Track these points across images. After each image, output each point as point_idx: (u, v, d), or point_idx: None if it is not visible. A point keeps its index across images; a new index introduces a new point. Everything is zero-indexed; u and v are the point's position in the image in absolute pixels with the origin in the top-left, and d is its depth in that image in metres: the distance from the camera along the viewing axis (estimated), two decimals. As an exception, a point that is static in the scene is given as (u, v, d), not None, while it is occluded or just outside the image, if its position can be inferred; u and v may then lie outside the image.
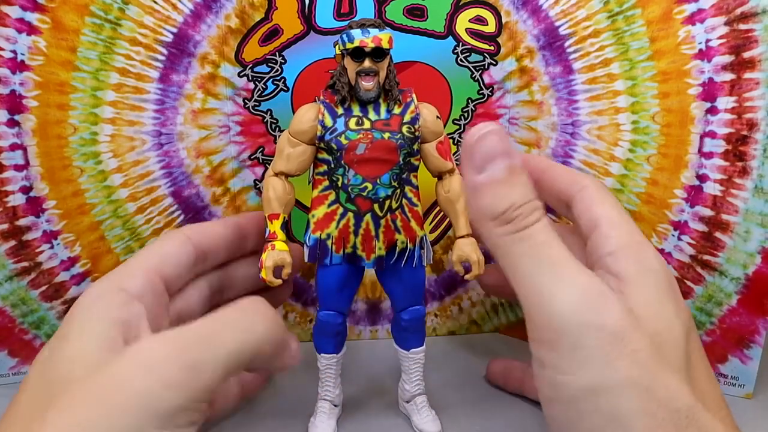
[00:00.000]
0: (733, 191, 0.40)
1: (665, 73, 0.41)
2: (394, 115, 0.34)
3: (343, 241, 0.35)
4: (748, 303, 0.41)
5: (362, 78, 0.33)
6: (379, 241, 0.35)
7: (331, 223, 0.35)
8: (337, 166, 0.34)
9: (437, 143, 0.36)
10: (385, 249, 0.35)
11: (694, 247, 0.42)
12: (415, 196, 0.36)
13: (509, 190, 0.27)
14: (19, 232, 0.42)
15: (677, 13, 0.40)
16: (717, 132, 0.40)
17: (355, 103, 0.34)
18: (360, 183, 0.34)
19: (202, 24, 0.42)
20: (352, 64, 0.33)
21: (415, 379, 0.38)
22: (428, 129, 0.35)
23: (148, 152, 0.44)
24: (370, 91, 0.33)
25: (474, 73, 0.45)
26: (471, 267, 0.36)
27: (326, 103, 0.34)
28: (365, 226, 0.35)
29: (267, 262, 0.34)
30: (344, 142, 0.34)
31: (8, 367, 0.44)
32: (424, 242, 0.36)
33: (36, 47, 0.40)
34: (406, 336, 0.38)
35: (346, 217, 0.35)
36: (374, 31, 0.33)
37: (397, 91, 0.34)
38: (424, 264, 0.36)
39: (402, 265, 0.36)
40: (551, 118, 0.45)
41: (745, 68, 0.39)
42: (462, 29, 0.44)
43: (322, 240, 0.35)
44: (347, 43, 0.33)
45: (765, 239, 0.40)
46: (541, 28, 0.44)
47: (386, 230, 0.35)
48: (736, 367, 0.42)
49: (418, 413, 0.38)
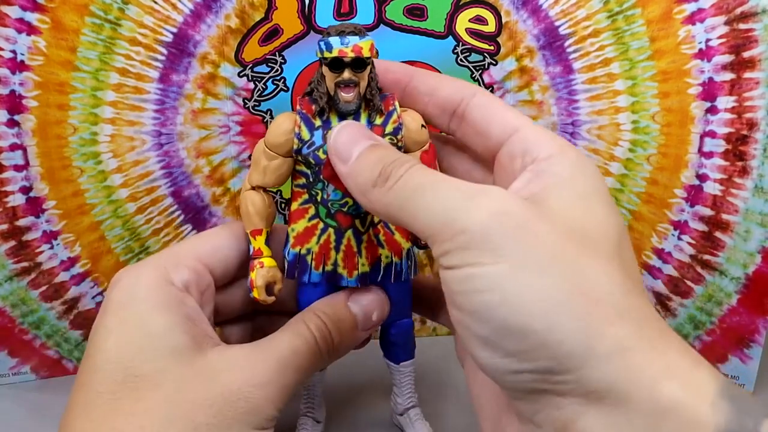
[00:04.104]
0: (733, 191, 0.40)
1: (665, 72, 0.41)
2: (375, 126, 0.32)
3: (323, 257, 0.33)
4: (748, 302, 0.41)
5: (341, 89, 0.30)
6: (362, 257, 0.33)
7: (312, 238, 0.33)
8: (315, 181, 0.32)
9: (422, 153, 0.33)
10: (368, 265, 0.33)
11: (694, 247, 0.42)
12: None
13: (376, 158, 0.27)
14: (19, 233, 0.42)
15: (677, 13, 0.40)
16: (717, 131, 0.40)
17: (334, 115, 0.32)
18: (340, 198, 0.32)
19: (202, 24, 0.42)
20: (330, 74, 0.30)
21: (406, 392, 0.37)
22: (411, 139, 0.33)
23: (148, 152, 0.44)
24: (350, 103, 0.31)
25: (474, 72, 0.45)
26: None
27: (303, 113, 0.32)
28: (346, 242, 0.33)
29: (258, 282, 0.32)
30: (322, 157, 0.31)
31: (8, 367, 0.44)
32: (411, 254, 0.34)
33: (36, 47, 0.40)
34: (394, 350, 0.36)
35: (327, 233, 0.33)
36: (353, 38, 0.30)
37: (378, 100, 0.32)
38: (411, 277, 0.34)
39: (391, 282, 0.33)
40: (551, 118, 0.45)
41: (745, 68, 0.39)
42: (462, 29, 0.44)
43: (301, 255, 0.33)
44: (325, 52, 0.30)
45: (765, 239, 0.40)
46: (541, 27, 0.44)
47: (369, 245, 0.33)
48: (736, 366, 0.43)
49: (412, 426, 0.37)
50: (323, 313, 0.31)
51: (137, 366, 0.27)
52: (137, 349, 0.27)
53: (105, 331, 0.28)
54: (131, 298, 0.29)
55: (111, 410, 0.26)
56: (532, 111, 0.45)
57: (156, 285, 0.29)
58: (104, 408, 0.26)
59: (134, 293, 0.29)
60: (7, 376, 0.44)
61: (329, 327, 0.31)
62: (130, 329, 0.28)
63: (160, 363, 0.27)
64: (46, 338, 0.44)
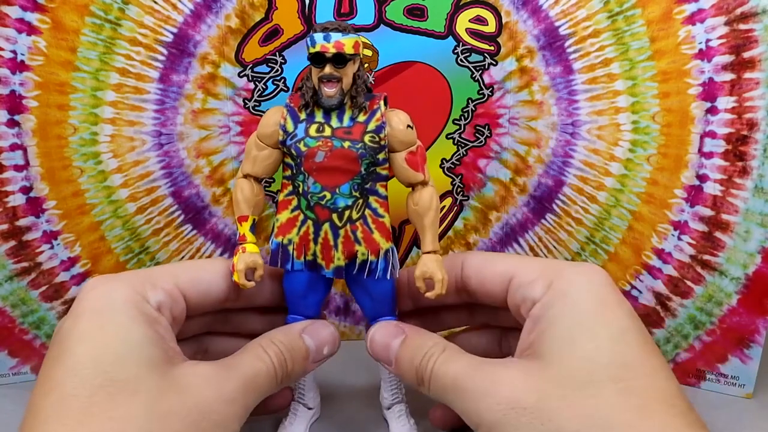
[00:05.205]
0: (733, 191, 0.40)
1: (665, 73, 0.41)
2: (357, 123, 0.33)
3: (303, 248, 0.34)
4: (748, 303, 0.41)
5: (324, 84, 0.32)
6: (338, 251, 0.34)
7: (293, 228, 0.34)
8: (297, 173, 0.34)
9: (408, 153, 0.34)
10: (344, 259, 0.34)
11: (694, 247, 0.42)
12: (381, 207, 0.34)
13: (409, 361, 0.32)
14: (19, 233, 0.42)
15: (677, 13, 0.40)
16: (717, 132, 0.40)
17: (319, 109, 0.33)
18: (319, 191, 0.33)
19: (202, 24, 0.42)
20: (314, 69, 0.32)
21: (391, 387, 0.38)
22: (396, 138, 0.33)
23: (148, 152, 0.44)
24: (332, 98, 0.32)
25: (474, 73, 0.45)
26: (433, 285, 0.33)
27: (291, 107, 0.34)
28: (324, 235, 0.34)
29: (239, 265, 0.33)
30: (303, 149, 0.33)
31: (8, 367, 0.44)
32: (389, 255, 0.34)
33: (36, 47, 0.40)
34: None
35: (306, 224, 0.34)
36: (336, 35, 0.31)
37: (362, 99, 0.33)
38: (388, 278, 0.34)
39: (365, 277, 0.34)
40: (551, 118, 0.45)
41: (745, 68, 0.39)
42: (462, 29, 0.44)
43: (283, 245, 0.34)
44: (309, 48, 0.32)
45: (765, 239, 0.40)
46: (541, 28, 0.44)
47: (345, 241, 0.34)
48: (736, 366, 0.43)
49: (396, 421, 0.38)
50: (280, 342, 0.33)
51: (116, 371, 0.27)
52: (116, 356, 0.28)
53: (79, 335, 0.29)
54: (108, 306, 0.30)
55: (87, 414, 0.26)
56: (532, 111, 0.45)
57: (132, 299, 0.30)
58: (79, 411, 0.26)
59: (111, 303, 0.30)
60: (7, 376, 0.44)
61: (285, 355, 0.33)
62: (108, 336, 0.29)
63: (138, 371, 0.28)
64: (46, 338, 0.44)
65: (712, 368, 0.43)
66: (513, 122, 0.46)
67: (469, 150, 0.47)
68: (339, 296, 0.49)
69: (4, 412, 0.41)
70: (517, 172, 0.46)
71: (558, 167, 0.46)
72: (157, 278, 0.32)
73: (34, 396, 0.28)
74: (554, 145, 0.45)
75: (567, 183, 0.46)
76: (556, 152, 0.45)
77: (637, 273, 0.45)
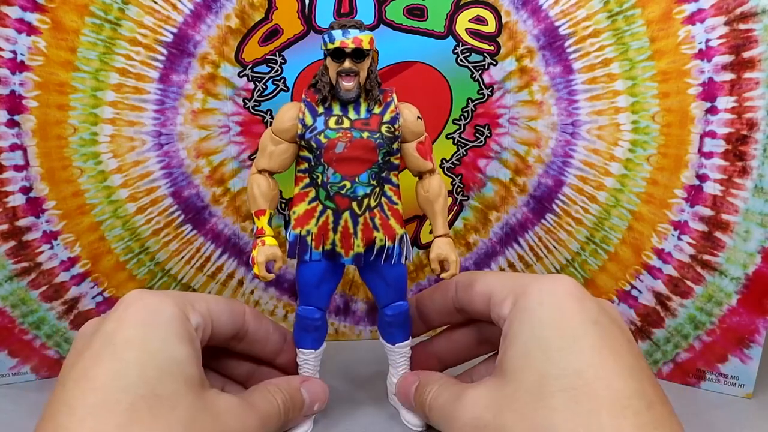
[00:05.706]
0: (733, 191, 0.40)
1: (665, 73, 0.41)
2: (373, 115, 0.35)
3: (322, 237, 0.36)
4: (748, 303, 0.41)
5: (342, 78, 0.34)
6: (358, 238, 0.35)
7: (311, 219, 0.35)
8: (316, 164, 0.35)
9: (417, 143, 0.36)
10: (363, 246, 0.36)
11: (694, 247, 0.42)
12: (395, 195, 0.36)
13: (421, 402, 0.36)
14: (19, 233, 0.42)
15: (677, 13, 0.40)
16: (717, 132, 0.40)
17: (336, 103, 0.35)
18: (339, 181, 0.34)
19: (202, 24, 0.42)
20: (332, 64, 0.34)
21: (402, 371, 0.39)
22: (408, 129, 0.36)
23: (148, 152, 0.44)
24: (350, 91, 0.34)
25: (474, 73, 0.45)
26: (448, 266, 0.36)
27: (308, 102, 0.35)
28: (344, 223, 0.35)
29: (259, 258, 0.34)
30: (323, 141, 0.34)
31: (8, 367, 0.44)
32: (404, 240, 0.36)
33: (36, 47, 0.40)
34: (391, 331, 0.38)
35: (326, 215, 0.35)
36: (354, 32, 0.34)
37: (377, 91, 0.35)
38: (403, 262, 0.37)
39: (381, 263, 0.36)
40: (551, 118, 0.45)
41: (745, 68, 0.39)
42: (462, 29, 0.44)
43: (302, 236, 0.35)
44: (328, 44, 0.34)
45: (765, 239, 0.40)
46: (541, 28, 0.44)
47: (365, 228, 0.35)
48: (736, 366, 0.43)
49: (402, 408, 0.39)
50: (284, 390, 0.36)
51: (159, 385, 0.28)
52: (160, 370, 0.29)
53: (125, 341, 0.29)
54: (156, 320, 0.31)
55: (128, 421, 0.27)
56: (532, 111, 0.45)
57: (179, 317, 0.31)
58: (119, 418, 0.27)
59: (158, 316, 0.31)
60: (7, 376, 0.44)
61: (288, 403, 0.35)
62: (154, 348, 0.29)
63: (179, 388, 0.29)
64: (46, 338, 0.44)
65: (712, 368, 0.43)
66: (513, 122, 0.46)
67: (469, 150, 0.47)
68: (339, 296, 0.49)
69: (4, 412, 0.41)
70: (517, 172, 0.46)
71: (558, 167, 0.46)
72: (194, 301, 0.34)
73: (66, 389, 0.28)
74: (554, 145, 0.45)
75: (567, 183, 0.46)
76: (556, 152, 0.45)
77: (637, 273, 0.45)
